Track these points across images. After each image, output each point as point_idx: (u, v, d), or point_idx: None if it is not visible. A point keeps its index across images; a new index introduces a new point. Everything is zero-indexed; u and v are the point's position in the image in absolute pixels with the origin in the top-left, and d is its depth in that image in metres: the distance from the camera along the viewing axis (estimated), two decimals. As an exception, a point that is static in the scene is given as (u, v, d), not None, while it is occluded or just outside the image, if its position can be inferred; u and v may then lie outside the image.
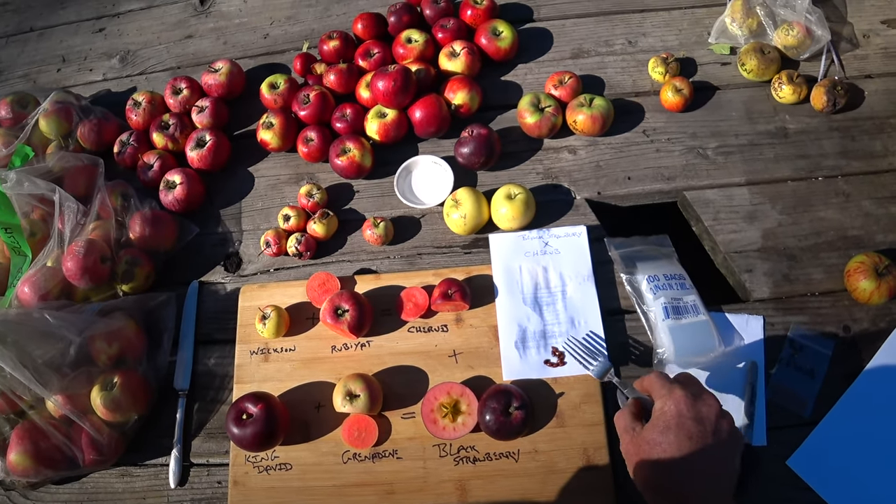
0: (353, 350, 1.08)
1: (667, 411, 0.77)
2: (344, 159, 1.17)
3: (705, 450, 0.74)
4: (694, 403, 0.76)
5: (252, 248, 1.20)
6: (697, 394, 0.78)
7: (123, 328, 1.07)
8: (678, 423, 0.75)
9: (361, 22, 1.32)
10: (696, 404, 0.76)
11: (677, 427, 0.75)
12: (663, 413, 0.77)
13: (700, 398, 0.77)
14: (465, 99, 1.20)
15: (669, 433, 0.75)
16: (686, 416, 0.75)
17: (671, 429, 0.75)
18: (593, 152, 1.19)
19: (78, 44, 1.49)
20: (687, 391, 0.77)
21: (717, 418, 0.76)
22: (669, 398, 0.77)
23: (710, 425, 0.75)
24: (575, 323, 1.06)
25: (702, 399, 0.77)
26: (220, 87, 1.28)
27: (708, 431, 0.75)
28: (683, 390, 0.77)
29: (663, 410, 0.77)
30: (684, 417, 0.75)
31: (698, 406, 0.76)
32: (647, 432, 0.77)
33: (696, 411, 0.76)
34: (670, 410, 0.76)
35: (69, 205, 1.08)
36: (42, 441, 0.98)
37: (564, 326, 1.06)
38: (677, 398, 0.77)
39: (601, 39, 1.30)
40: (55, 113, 1.25)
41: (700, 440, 0.74)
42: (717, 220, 1.12)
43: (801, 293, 1.06)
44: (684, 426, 0.75)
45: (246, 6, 1.47)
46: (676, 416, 0.76)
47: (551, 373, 1.03)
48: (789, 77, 1.16)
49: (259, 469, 1.02)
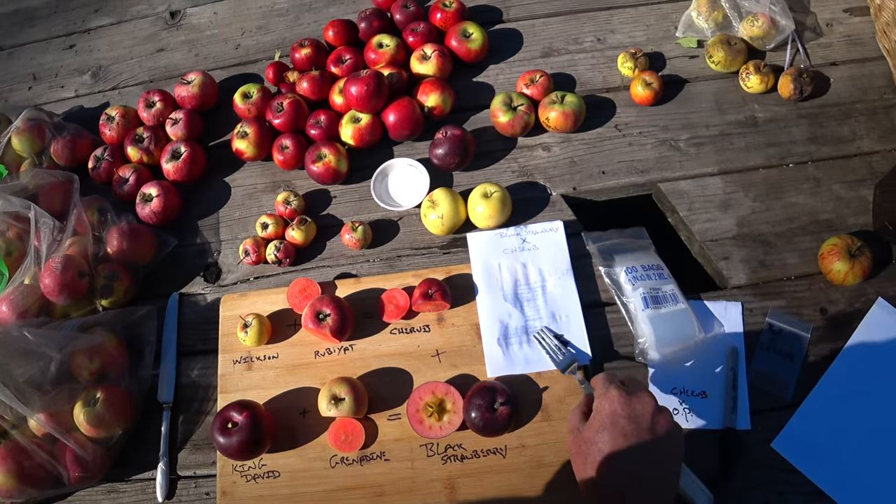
0: (336, 354, 1.08)
1: (601, 410, 0.78)
2: (320, 165, 1.17)
3: (640, 447, 0.74)
4: (628, 402, 0.77)
5: (231, 258, 1.19)
6: (633, 392, 0.78)
7: (104, 343, 1.06)
8: (612, 422, 0.76)
9: (332, 29, 1.32)
10: (630, 402, 0.77)
11: (611, 426, 0.76)
12: (598, 412, 0.78)
13: (635, 396, 0.78)
14: (437, 101, 1.21)
15: (604, 432, 0.76)
16: (619, 414, 0.76)
17: (606, 427, 0.76)
18: (567, 149, 1.20)
19: (49, 61, 1.48)
20: (622, 390, 0.78)
21: (651, 416, 0.76)
22: (605, 397, 0.78)
23: (645, 423, 0.76)
24: (556, 317, 1.06)
25: (636, 397, 0.78)
26: (194, 99, 1.28)
27: (643, 429, 0.75)
28: (618, 389, 0.78)
29: (598, 409, 0.78)
30: (618, 416, 0.76)
31: (632, 404, 0.77)
32: (585, 431, 0.78)
33: (631, 409, 0.76)
34: (604, 409, 0.77)
35: (45, 221, 1.08)
36: (26, 460, 0.97)
37: (546, 321, 1.06)
38: (611, 397, 0.77)
39: (570, 38, 1.31)
40: (28, 131, 1.24)
41: (635, 438, 0.75)
42: (691, 211, 1.13)
43: (777, 278, 1.07)
44: (618, 424, 0.76)
45: (217, 18, 1.47)
46: (610, 414, 0.76)
47: (535, 367, 1.04)
48: (756, 67, 1.18)
49: (247, 478, 1.01)
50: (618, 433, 0.75)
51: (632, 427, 0.75)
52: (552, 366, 1.02)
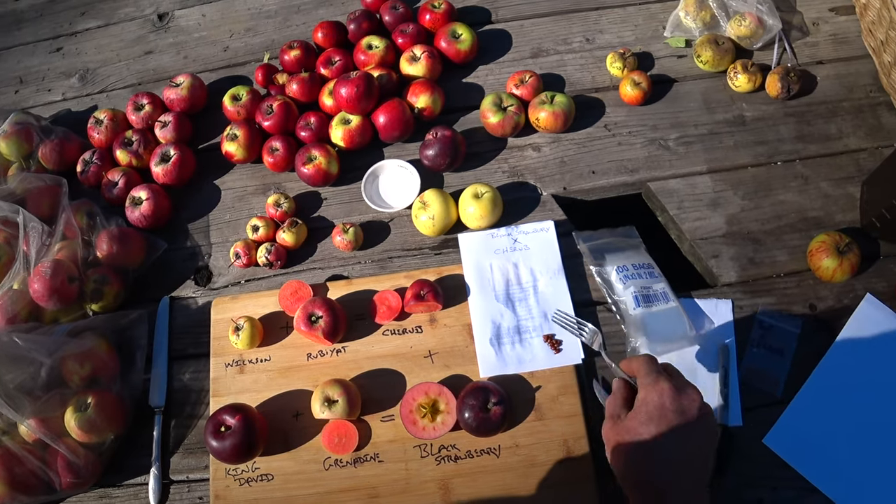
0: (328, 356, 1.08)
1: (650, 401, 0.77)
2: (310, 167, 1.17)
3: (685, 442, 0.75)
4: (678, 396, 0.76)
5: (222, 261, 1.19)
6: (681, 387, 0.78)
7: (95, 348, 1.05)
8: (661, 415, 0.75)
9: (322, 31, 1.32)
10: (679, 397, 0.76)
11: (660, 418, 0.75)
12: (646, 403, 0.77)
13: (684, 391, 0.77)
14: (427, 102, 1.21)
15: (651, 424, 0.75)
16: (669, 408, 0.76)
17: (653, 420, 0.75)
18: (557, 149, 1.21)
19: (35, 64, 1.47)
20: (672, 383, 0.78)
21: (699, 412, 0.76)
22: (654, 389, 0.77)
23: (692, 419, 0.75)
24: (548, 317, 1.07)
25: (685, 392, 0.77)
26: (183, 102, 1.28)
27: (689, 425, 0.75)
28: (668, 382, 0.78)
29: (646, 400, 0.77)
30: (667, 409, 0.75)
31: (681, 399, 0.76)
32: (629, 421, 0.77)
33: (679, 404, 0.76)
34: (654, 401, 0.76)
35: (34, 226, 1.07)
36: (16, 467, 0.96)
37: (538, 321, 1.07)
38: (661, 389, 0.77)
39: (559, 38, 1.32)
40: (15, 134, 1.23)
41: (681, 432, 0.74)
42: (681, 209, 1.14)
43: (766, 275, 1.08)
44: (666, 417, 0.75)
45: (205, 20, 1.46)
46: (660, 407, 0.76)
47: (528, 367, 1.04)
48: (744, 66, 1.19)
49: (240, 482, 1.01)
50: (665, 426, 0.75)
51: (679, 421, 0.75)
52: (547, 363, 1.03)
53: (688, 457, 0.75)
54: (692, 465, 0.75)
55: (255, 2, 1.46)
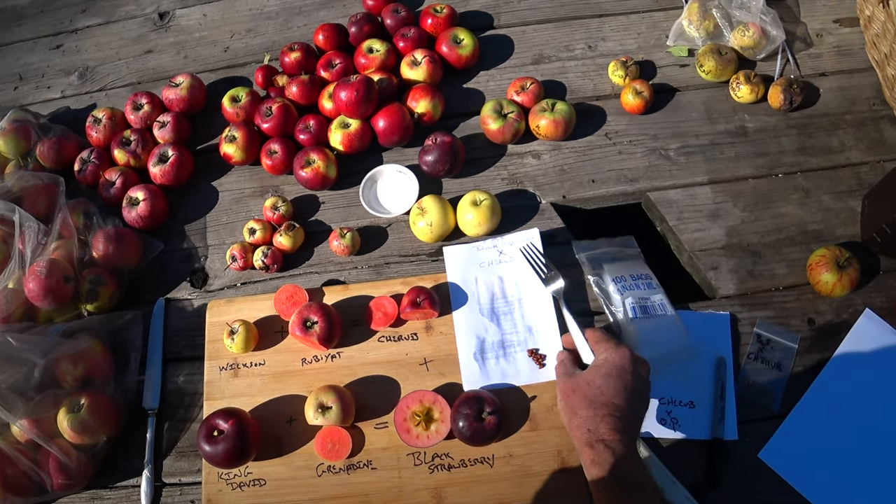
0: (323, 362, 1.08)
1: (611, 361, 0.88)
2: (308, 171, 1.17)
3: (638, 402, 0.87)
4: (636, 361, 0.88)
5: (218, 263, 1.18)
6: (637, 356, 0.89)
7: (89, 349, 1.05)
8: (619, 373, 0.87)
9: (322, 33, 1.31)
10: (636, 363, 0.88)
11: (618, 376, 0.86)
12: (607, 362, 0.88)
13: (639, 360, 0.89)
14: (427, 107, 1.20)
15: (610, 379, 0.86)
16: (627, 370, 0.87)
17: (612, 376, 0.86)
18: (557, 156, 1.20)
19: (35, 61, 1.47)
20: (631, 351, 0.89)
21: (645, 377, 0.88)
22: (616, 351, 0.89)
23: (642, 383, 0.88)
24: (533, 331, 1.06)
25: (641, 361, 0.89)
26: (182, 102, 1.27)
27: (640, 388, 0.87)
28: (629, 349, 0.89)
29: (607, 360, 0.89)
30: (626, 371, 0.87)
31: (637, 365, 0.88)
32: (588, 374, 0.89)
33: (636, 368, 0.88)
34: (615, 361, 0.88)
35: (30, 225, 1.07)
36: (8, 467, 0.96)
37: (523, 335, 1.06)
38: (623, 353, 0.88)
39: (561, 45, 1.31)
40: (13, 132, 1.23)
41: (633, 391, 0.86)
42: (681, 220, 1.13)
43: (765, 288, 1.08)
44: (623, 377, 0.86)
45: (206, 20, 1.46)
46: (619, 367, 0.87)
47: (512, 381, 1.04)
48: (747, 77, 1.18)
49: (232, 486, 1.01)
50: (622, 385, 0.86)
51: (633, 383, 0.86)
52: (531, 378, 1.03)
53: (636, 414, 0.86)
54: (637, 422, 0.86)
55: (256, 2, 1.46)
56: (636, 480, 0.81)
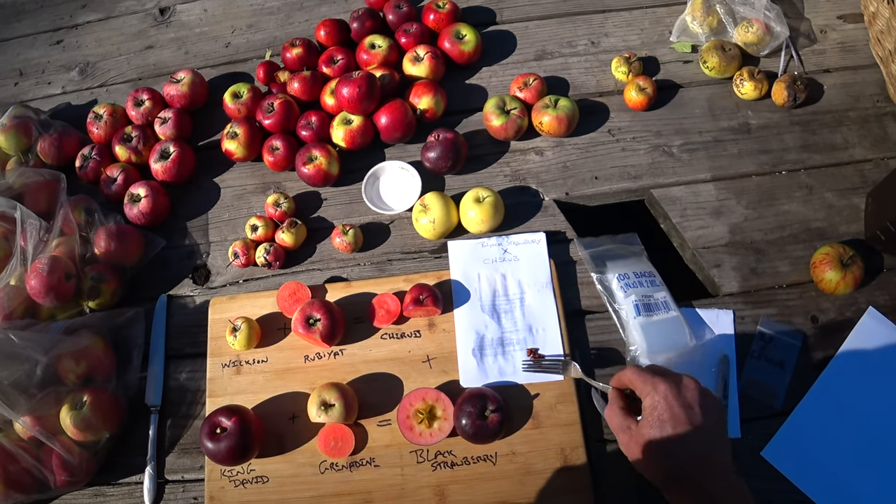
0: (326, 359, 1.07)
1: (657, 406, 0.79)
2: (310, 167, 1.16)
3: (700, 431, 0.77)
4: (679, 393, 0.79)
5: (220, 260, 1.18)
6: (677, 382, 0.81)
7: (91, 346, 1.05)
8: (671, 416, 0.78)
9: (324, 28, 1.31)
10: (680, 393, 0.79)
11: (671, 419, 0.78)
12: (654, 409, 0.79)
13: (681, 386, 0.80)
14: (430, 103, 1.20)
15: (666, 426, 0.78)
16: (675, 406, 0.78)
17: (666, 422, 0.78)
18: (560, 153, 1.20)
19: (35, 57, 1.46)
20: (669, 383, 0.80)
21: (701, 399, 0.79)
22: (656, 393, 0.79)
23: (698, 407, 0.78)
24: (533, 330, 1.06)
25: (683, 386, 0.80)
26: (183, 98, 1.27)
27: (697, 414, 0.78)
28: (666, 383, 0.80)
29: (654, 406, 0.79)
30: (674, 408, 0.78)
31: (683, 394, 0.79)
32: (643, 429, 0.80)
33: (683, 399, 0.79)
34: (660, 405, 0.79)
35: (31, 221, 1.06)
36: (11, 464, 0.96)
37: (522, 334, 1.06)
38: (663, 392, 0.79)
39: (564, 40, 1.30)
40: (14, 128, 1.22)
41: (693, 424, 0.77)
42: (684, 217, 1.13)
43: (769, 286, 1.07)
44: (675, 416, 0.77)
45: (206, 15, 1.45)
46: (668, 409, 0.78)
47: (510, 379, 1.04)
48: (750, 73, 1.18)
49: (235, 483, 1.01)
50: (677, 423, 0.78)
51: (688, 415, 0.78)
52: (528, 377, 1.03)
53: (707, 444, 0.78)
54: (714, 450, 0.78)
55: (257, -3, 1.45)
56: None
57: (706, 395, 0.80)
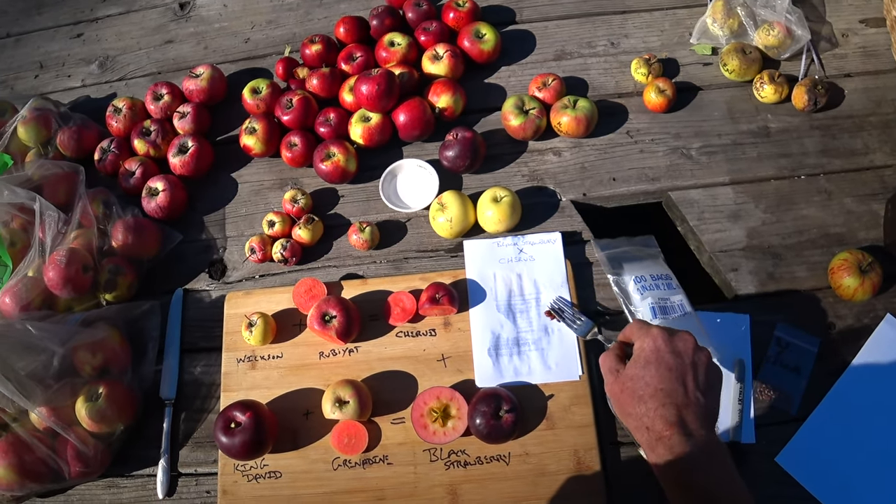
0: (341, 356, 1.08)
1: (645, 348, 0.81)
2: (328, 164, 1.17)
3: (685, 379, 0.78)
4: (670, 339, 0.80)
5: (237, 255, 1.19)
6: (673, 332, 0.82)
7: (107, 338, 1.05)
8: (657, 357, 0.79)
9: (344, 25, 1.31)
10: (672, 340, 0.80)
11: (657, 361, 0.79)
12: (642, 350, 0.81)
13: (676, 335, 0.81)
14: (449, 102, 1.20)
15: (650, 366, 0.79)
16: (664, 350, 0.79)
17: (651, 362, 0.79)
18: (578, 154, 1.20)
19: (56, 49, 1.47)
20: (663, 330, 0.81)
21: (693, 351, 0.80)
22: (647, 336, 0.81)
23: (688, 357, 0.79)
24: (549, 330, 1.06)
25: (677, 335, 0.81)
26: (202, 93, 1.27)
27: (686, 363, 0.78)
28: (659, 329, 0.81)
29: (642, 347, 0.81)
30: (662, 352, 0.79)
31: (674, 341, 0.80)
32: (629, 369, 0.81)
33: (673, 346, 0.79)
34: (648, 346, 0.80)
35: (50, 213, 1.07)
36: (26, 454, 0.97)
37: (538, 334, 1.06)
38: (654, 335, 0.81)
39: (583, 41, 1.30)
40: (34, 120, 1.23)
41: (680, 371, 0.78)
42: (701, 220, 1.12)
43: (786, 291, 1.07)
44: (663, 359, 0.79)
45: (226, 10, 1.45)
46: (654, 350, 0.79)
47: (525, 379, 1.04)
48: (770, 77, 1.17)
49: (248, 478, 1.01)
50: (664, 367, 0.78)
51: (677, 361, 0.78)
52: (544, 378, 1.03)
53: (690, 394, 0.77)
54: (696, 402, 0.77)
55: (277, -7, 1.45)
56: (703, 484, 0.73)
57: (702, 350, 0.80)
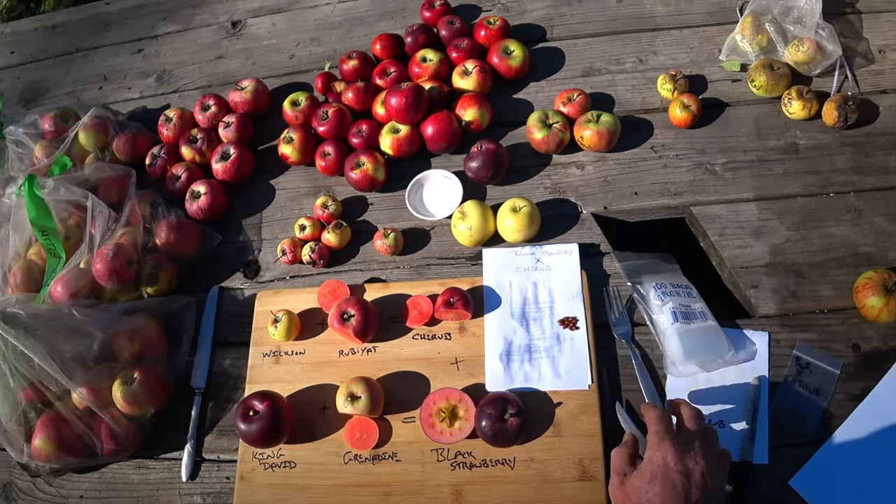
0: (359, 355, 1.12)
1: (655, 461, 0.79)
2: (358, 172, 1.22)
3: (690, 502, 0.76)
4: (682, 457, 0.78)
5: (270, 256, 1.25)
6: (687, 446, 0.79)
7: (145, 327, 1.13)
8: (663, 474, 0.77)
9: (380, 42, 1.37)
10: (683, 458, 0.78)
11: (662, 478, 0.77)
12: (651, 462, 0.79)
13: (689, 453, 0.79)
14: (475, 115, 1.23)
15: (655, 483, 0.77)
16: (673, 468, 0.77)
17: (657, 478, 0.77)
18: (601, 167, 1.21)
19: (118, 64, 1.59)
20: (677, 444, 0.79)
21: (702, 475, 0.77)
22: (659, 448, 0.79)
23: (696, 482, 0.77)
24: (561, 339, 1.07)
25: (690, 454, 0.79)
26: (246, 104, 1.35)
27: (693, 486, 0.76)
28: (673, 442, 0.79)
29: (651, 460, 0.79)
30: (670, 469, 0.77)
31: (686, 461, 0.78)
32: (634, 479, 0.80)
33: (684, 465, 0.78)
34: (658, 460, 0.78)
35: (101, 210, 1.16)
36: (65, 429, 1.04)
37: (550, 342, 1.07)
38: (665, 449, 0.79)
39: (612, 58, 1.32)
40: (94, 127, 1.33)
41: (685, 493, 0.76)
42: (723, 236, 1.12)
43: (808, 310, 1.05)
44: (669, 478, 0.77)
45: (274, 29, 1.54)
46: (663, 467, 0.78)
47: (534, 385, 1.05)
48: (799, 92, 1.15)
49: (265, 466, 1.06)
50: (668, 486, 0.76)
51: (684, 483, 0.76)
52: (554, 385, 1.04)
53: None
54: None
55: (321, 13, 1.53)
56: None
57: (710, 474, 0.78)
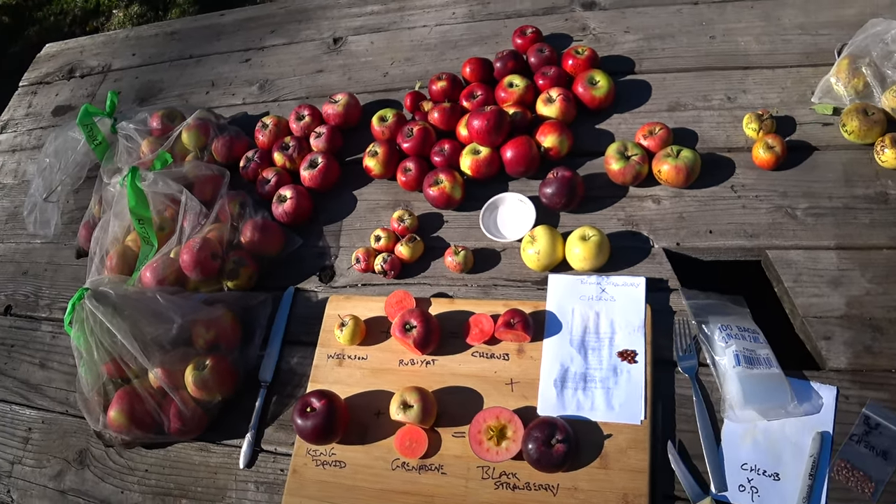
0: (418, 366, 1.15)
1: None
2: (435, 189, 1.25)
3: None
4: None
5: (345, 263, 1.30)
6: None
7: (222, 318, 1.20)
8: None
9: (469, 66, 1.41)
10: None
11: None
12: None
13: None
14: (554, 142, 1.25)
15: None
16: None
17: None
18: (678, 203, 1.20)
19: (226, 71, 1.70)
20: None
21: None
22: None
23: None
24: (617, 371, 1.06)
25: None
26: (338, 117, 1.42)
27: None
28: None
29: None
30: None
31: None
32: None
33: None
34: None
35: (193, 205, 1.24)
36: (138, 405, 1.13)
37: (606, 373, 1.06)
38: None
39: (700, 94, 1.30)
40: (196, 128, 1.44)
41: None
42: (797, 283, 1.08)
43: (883, 367, 0.99)
44: None
45: (372, 47, 1.61)
46: None
47: (586, 414, 1.04)
48: (893, 140, 1.10)
49: (317, 462, 1.10)
50: None
51: None
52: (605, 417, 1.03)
53: None
54: None
55: (418, 34, 1.59)
56: None
57: None
